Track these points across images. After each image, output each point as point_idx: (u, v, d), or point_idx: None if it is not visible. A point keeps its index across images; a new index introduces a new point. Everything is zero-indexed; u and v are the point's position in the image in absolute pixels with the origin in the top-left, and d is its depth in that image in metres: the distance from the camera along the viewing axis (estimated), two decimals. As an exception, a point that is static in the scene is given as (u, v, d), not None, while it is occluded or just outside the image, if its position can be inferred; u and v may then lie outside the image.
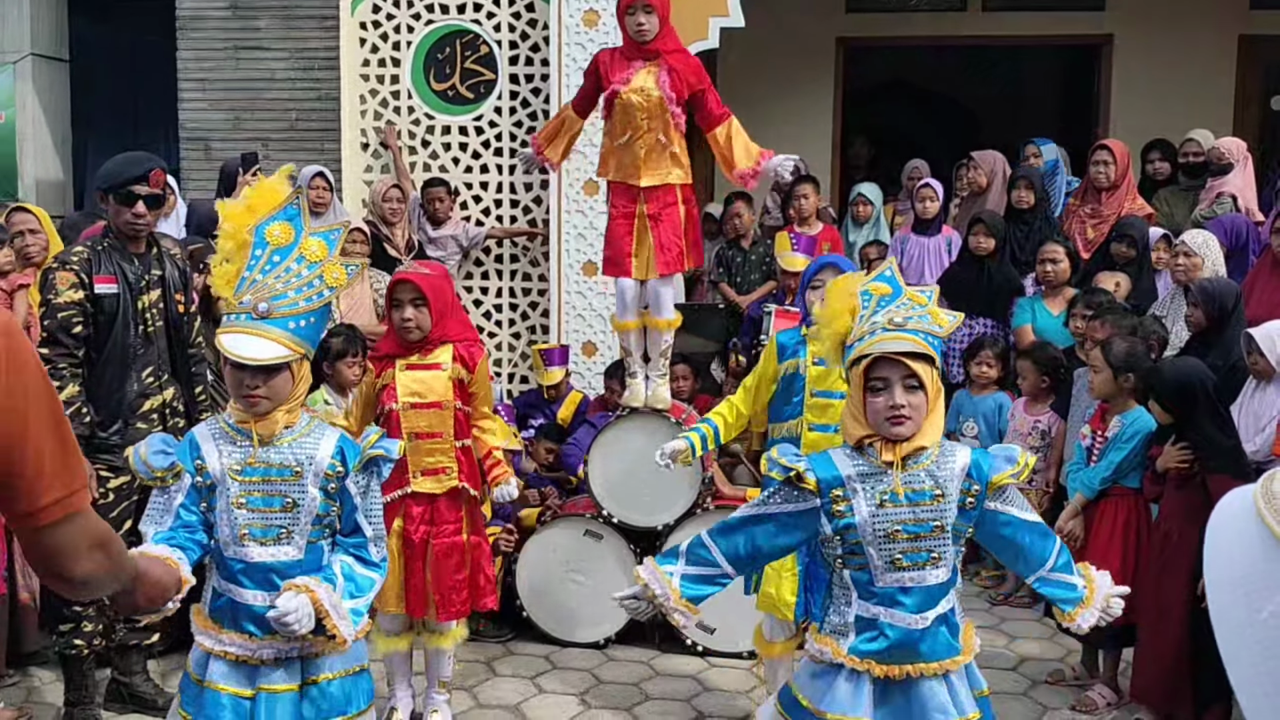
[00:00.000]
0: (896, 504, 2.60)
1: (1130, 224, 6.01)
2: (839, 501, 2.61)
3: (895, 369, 2.59)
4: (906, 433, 2.60)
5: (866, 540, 2.60)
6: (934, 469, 2.62)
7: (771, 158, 4.63)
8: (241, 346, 2.68)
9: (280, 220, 2.76)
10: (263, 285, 2.72)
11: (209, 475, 2.74)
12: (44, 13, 8.66)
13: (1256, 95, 9.30)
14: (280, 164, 7.29)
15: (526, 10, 6.87)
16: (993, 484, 2.64)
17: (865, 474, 2.62)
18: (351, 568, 2.80)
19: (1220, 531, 0.86)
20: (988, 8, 9.48)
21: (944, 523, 2.62)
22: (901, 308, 2.68)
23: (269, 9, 7.34)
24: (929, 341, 2.62)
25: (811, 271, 3.93)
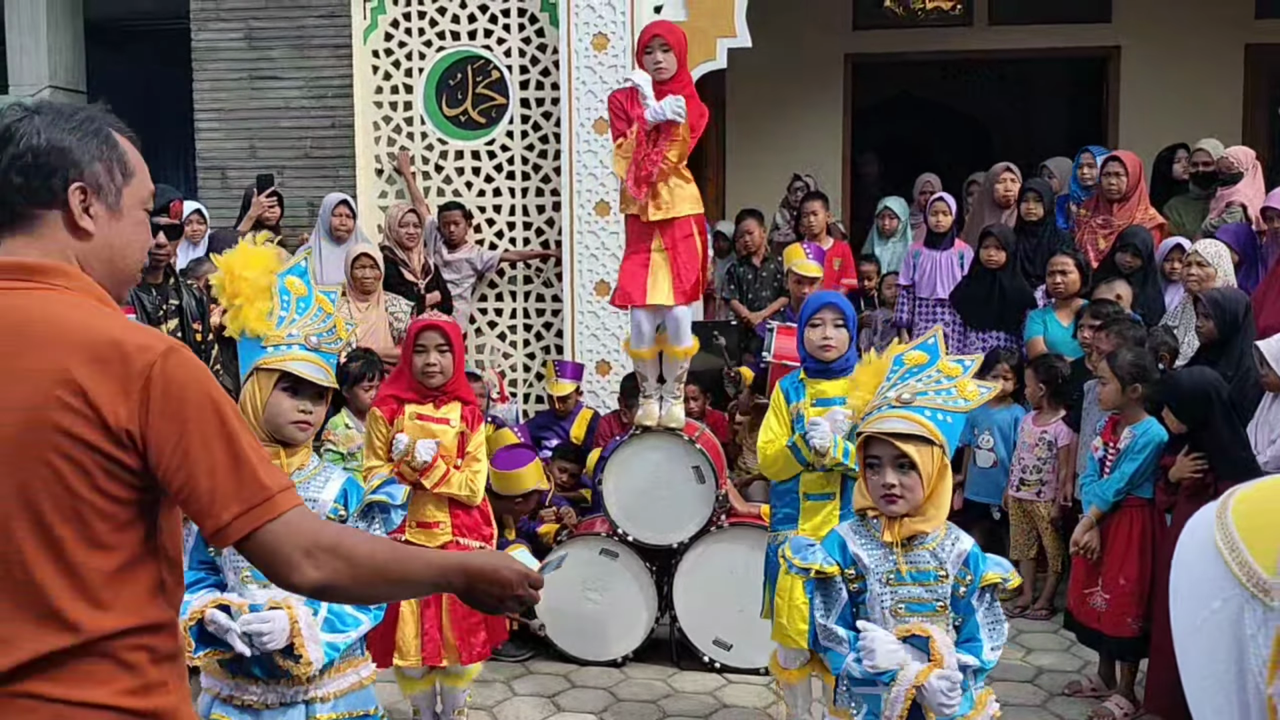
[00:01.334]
0: (902, 582, 2.66)
1: (1134, 232, 6.03)
2: (853, 581, 2.70)
3: (887, 448, 2.64)
4: (899, 510, 2.65)
5: (873, 616, 2.67)
6: (938, 550, 2.68)
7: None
8: (306, 368, 2.81)
9: (294, 274, 2.94)
10: (304, 323, 2.88)
11: None
12: (62, 46, 8.79)
13: (1264, 103, 9.30)
14: (296, 191, 7.47)
15: (536, 35, 6.95)
16: (985, 579, 2.69)
17: (871, 552, 2.69)
18: (340, 607, 2.77)
19: (1185, 539, 0.91)
20: (994, 22, 9.51)
21: (945, 603, 2.67)
22: (924, 380, 2.70)
23: (283, 39, 7.45)
24: (937, 420, 2.63)
25: (810, 310, 3.92)
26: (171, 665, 1.72)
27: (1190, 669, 0.88)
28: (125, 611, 1.65)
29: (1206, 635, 0.86)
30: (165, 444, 1.61)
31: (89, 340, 1.61)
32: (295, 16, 7.42)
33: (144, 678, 1.67)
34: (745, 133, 9.61)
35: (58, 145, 1.68)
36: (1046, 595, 5.53)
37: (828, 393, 3.88)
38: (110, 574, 1.63)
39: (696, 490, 4.76)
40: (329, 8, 7.32)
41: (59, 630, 1.60)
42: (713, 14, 6.41)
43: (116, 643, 1.64)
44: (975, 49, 9.68)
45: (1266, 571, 0.82)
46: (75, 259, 1.70)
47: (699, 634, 4.79)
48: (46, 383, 1.59)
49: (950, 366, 2.72)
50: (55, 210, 1.69)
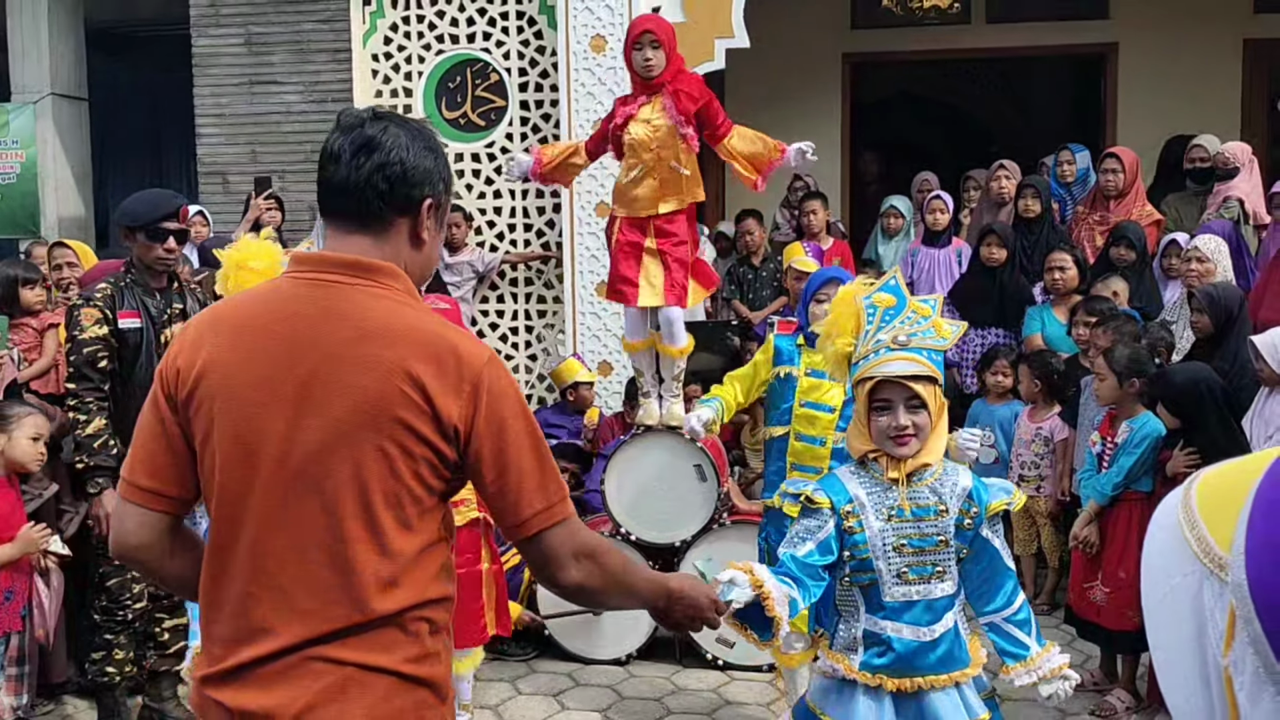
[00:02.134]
0: (903, 519, 2.68)
1: (1127, 227, 6.05)
2: (850, 518, 2.70)
3: (899, 391, 2.67)
4: (910, 452, 2.69)
5: (875, 554, 2.68)
6: (937, 485, 2.71)
7: (787, 152, 4.63)
8: None
9: None
10: None
11: None
12: (63, 53, 8.83)
13: (1263, 98, 9.31)
14: (297, 195, 7.48)
15: (535, 38, 6.98)
16: (990, 509, 2.72)
17: (871, 491, 2.71)
18: None
19: (1155, 520, 0.95)
20: (992, 20, 9.53)
21: (947, 537, 2.70)
22: (905, 323, 2.74)
23: (283, 44, 7.48)
24: (931, 359, 2.69)
25: (815, 285, 3.97)
26: (444, 637, 1.88)
27: (1156, 641, 0.91)
28: (416, 588, 1.79)
29: (1170, 609, 0.89)
30: (485, 442, 1.78)
31: (426, 340, 1.78)
32: (294, 22, 7.45)
33: (423, 647, 1.82)
34: (744, 133, 9.62)
35: (423, 163, 1.86)
36: (1047, 590, 5.55)
37: (823, 365, 3.88)
38: (413, 555, 1.78)
39: (698, 488, 4.79)
40: (328, 12, 7.35)
41: (362, 604, 1.75)
42: (710, 15, 6.43)
43: (405, 615, 1.79)
44: (973, 47, 9.70)
45: (1221, 547, 0.85)
46: (405, 264, 1.87)
47: (702, 632, 4.81)
48: (389, 375, 1.74)
49: (922, 307, 2.78)
50: (405, 219, 1.86)
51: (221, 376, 1.79)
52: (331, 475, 1.74)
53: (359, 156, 1.83)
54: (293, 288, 1.84)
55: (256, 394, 1.77)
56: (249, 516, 1.77)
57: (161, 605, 4.35)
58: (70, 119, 8.93)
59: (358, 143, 1.83)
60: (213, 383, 1.79)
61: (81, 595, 4.48)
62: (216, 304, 2.04)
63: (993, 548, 2.76)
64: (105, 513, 4.07)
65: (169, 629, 4.36)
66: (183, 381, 1.82)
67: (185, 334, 1.88)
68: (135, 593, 4.20)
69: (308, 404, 1.75)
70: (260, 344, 1.79)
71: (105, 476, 4.08)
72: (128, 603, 4.19)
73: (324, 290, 1.81)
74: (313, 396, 1.75)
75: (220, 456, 1.79)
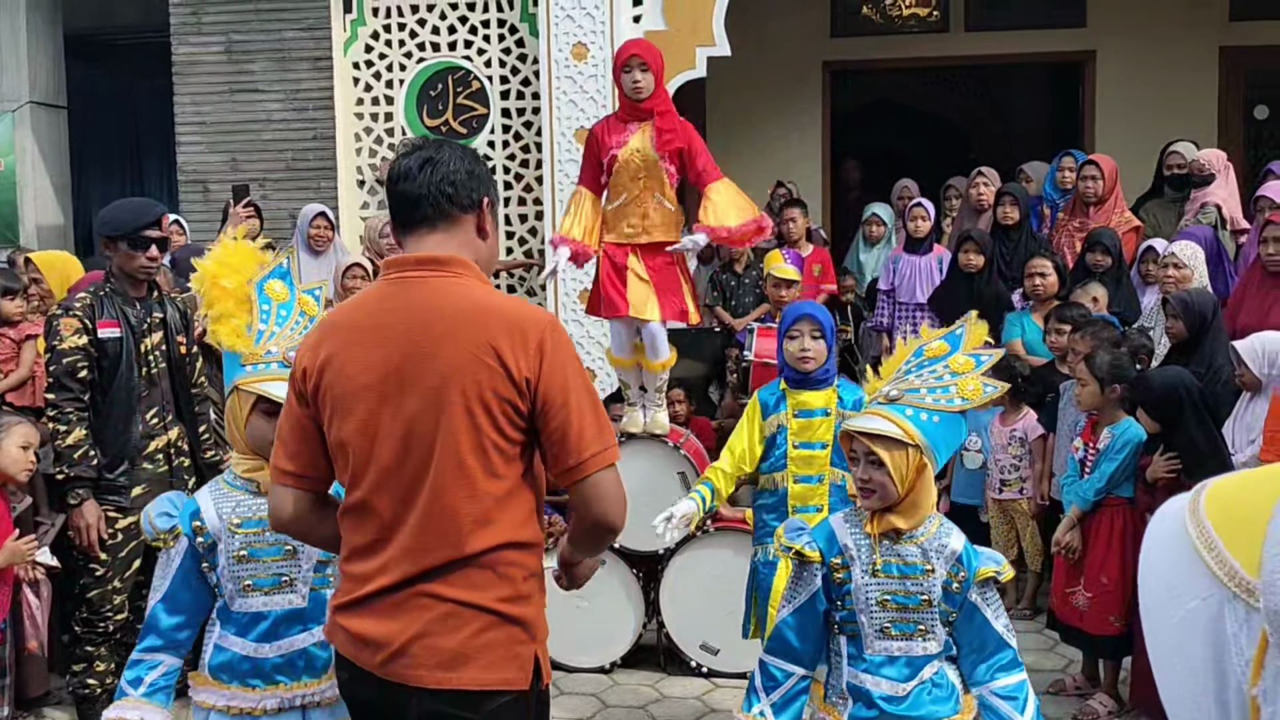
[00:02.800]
0: (888, 574, 2.67)
1: (1101, 232, 6.09)
2: (839, 570, 2.70)
3: (859, 444, 2.67)
4: (872, 505, 2.68)
5: (859, 607, 2.69)
6: (925, 545, 2.69)
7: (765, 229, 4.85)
8: (283, 390, 2.69)
9: (275, 278, 2.85)
10: (282, 336, 2.80)
11: (209, 535, 2.75)
12: (42, 61, 8.78)
13: (1239, 105, 9.40)
14: (278, 203, 7.46)
15: (516, 46, 6.98)
16: (979, 575, 2.69)
17: (861, 541, 2.70)
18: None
19: (1155, 533, 0.91)
20: (971, 28, 9.59)
21: (931, 597, 2.67)
22: (923, 375, 2.71)
23: (263, 52, 7.46)
24: (919, 421, 2.63)
25: (787, 323, 3.91)
26: (537, 581, 2.21)
27: (1165, 668, 0.87)
28: (505, 528, 2.12)
29: (1182, 634, 0.85)
30: (551, 392, 2.10)
31: (497, 313, 2.14)
32: (275, 29, 7.43)
33: (516, 589, 2.15)
34: (725, 141, 9.64)
35: (476, 170, 2.25)
36: (1029, 595, 5.57)
37: (810, 404, 3.88)
38: (499, 498, 2.12)
39: (682, 497, 4.78)
40: (309, 20, 7.34)
41: (459, 542, 2.10)
42: (692, 23, 6.45)
43: (496, 555, 2.12)
44: (952, 55, 9.76)
45: (1248, 571, 0.81)
46: (475, 254, 2.24)
47: (686, 639, 4.82)
48: (470, 346, 2.10)
49: (962, 361, 2.71)
50: (470, 216, 2.24)
51: (335, 370, 2.17)
52: (429, 436, 2.09)
53: (425, 170, 2.20)
54: (384, 287, 2.23)
55: (363, 378, 2.14)
56: (373, 479, 2.14)
57: (143, 617, 4.31)
58: (49, 127, 8.87)
59: (421, 161, 2.21)
60: (329, 376, 2.17)
61: (62, 607, 4.45)
62: (331, 311, 2.43)
63: (981, 615, 2.70)
64: (86, 524, 4.04)
65: (150, 640, 4.33)
66: (308, 379, 2.20)
67: (309, 339, 2.28)
68: (116, 604, 4.17)
69: (406, 381, 2.11)
70: (362, 338, 2.17)
71: (85, 487, 4.05)
72: (108, 614, 4.16)
73: (409, 285, 2.19)
74: (409, 374, 2.11)
75: (344, 434, 2.16)
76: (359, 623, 2.15)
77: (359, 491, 2.16)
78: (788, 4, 9.32)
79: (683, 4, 6.45)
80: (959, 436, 2.74)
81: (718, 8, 6.44)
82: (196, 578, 2.78)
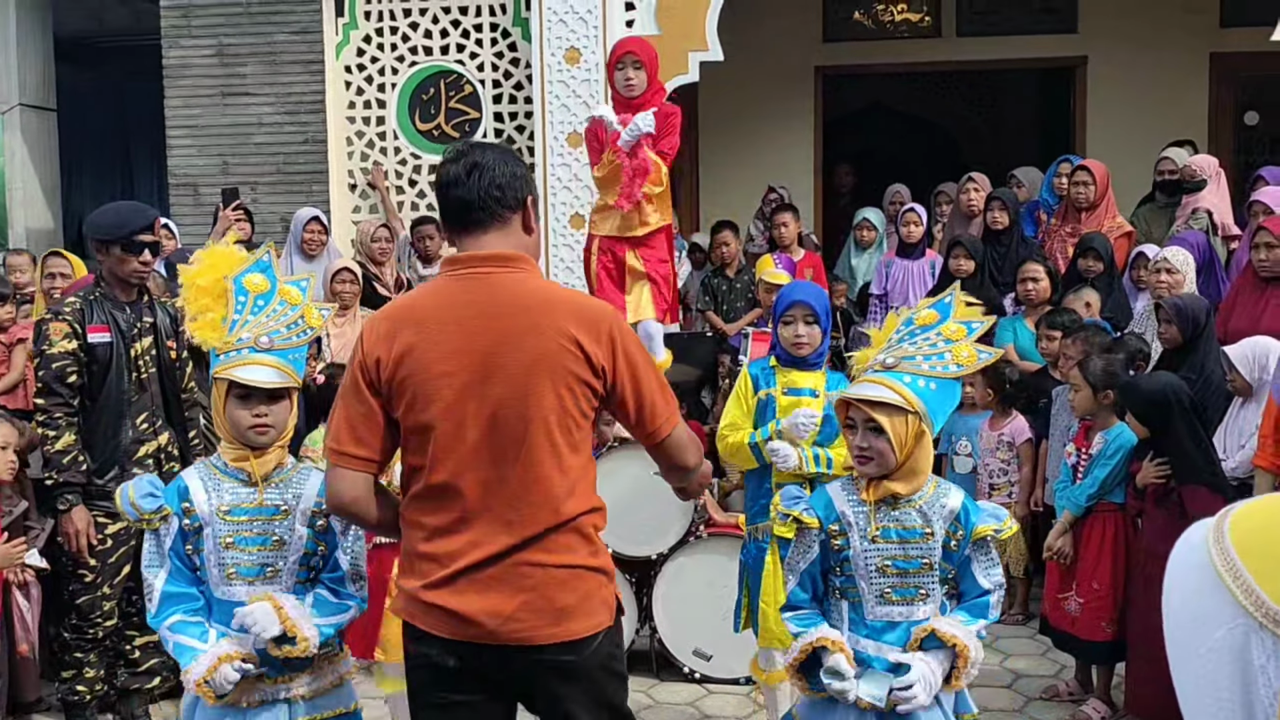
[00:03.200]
0: (887, 539, 2.67)
1: (1093, 237, 6.11)
2: (837, 536, 2.70)
3: (859, 412, 2.66)
4: (869, 472, 2.68)
5: (859, 573, 2.68)
6: (925, 508, 2.69)
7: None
8: (254, 374, 2.73)
9: (255, 271, 2.84)
10: (256, 324, 2.78)
11: (196, 518, 2.74)
12: (31, 63, 8.74)
13: (1230, 111, 9.43)
14: (269, 207, 7.44)
15: (509, 50, 6.98)
16: (977, 532, 2.70)
17: (858, 510, 2.70)
18: (325, 597, 2.79)
19: (1178, 559, 0.89)
20: (963, 33, 9.61)
21: (932, 560, 2.68)
22: (918, 343, 2.71)
23: (255, 55, 7.44)
24: (917, 388, 2.64)
25: (781, 308, 3.89)
26: (601, 534, 2.48)
27: (1190, 697, 0.86)
28: (585, 496, 2.42)
29: (1209, 664, 0.83)
30: (624, 376, 2.40)
31: (568, 304, 2.42)
32: (267, 33, 7.41)
33: (594, 545, 2.44)
34: (717, 145, 9.66)
35: (518, 170, 2.46)
36: (1021, 600, 5.57)
37: (798, 383, 3.86)
38: (580, 469, 2.41)
39: (674, 501, 4.76)
40: (301, 24, 7.32)
41: (556, 511, 2.36)
42: (684, 27, 6.45)
43: (582, 520, 2.40)
44: (944, 60, 9.77)
45: (1275, 600, 0.80)
46: (524, 249, 2.45)
47: (679, 645, 4.81)
48: (552, 335, 2.34)
49: (954, 329, 2.71)
50: (517, 215, 2.45)
51: (415, 359, 2.35)
52: (518, 417, 2.33)
53: (473, 176, 2.40)
54: (452, 283, 2.43)
55: (446, 366, 2.34)
56: (458, 460, 2.34)
57: (132, 623, 4.29)
58: (38, 130, 8.84)
59: (468, 167, 2.40)
60: (409, 365, 2.35)
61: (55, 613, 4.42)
62: (392, 305, 2.60)
63: (970, 571, 2.73)
64: (75, 529, 4.01)
65: (140, 647, 4.31)
66: (383, 368, 2.37)
67: (375, 330, 2.42)
68: (105, 610, 4.14)
69: (492, 368, 2.33)
70: (442, 329, 2.36)
71: (75, 493, 4.02)
72: (98, 620, 4.13)
73: (479, 280, 2.40)
74: (495, 361, 2.33)
75: (426, 419, 2.34)
76: (457, 599, 2.35)
77: (441, 473, 2.35)
78: (780, 9, 9.33)
79: (675, 9, 6.45)
80: (953, 402, 2.74)
81: (710, 12, 6.44)
82: (186, 558, 2.77)
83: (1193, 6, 9.11)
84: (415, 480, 2.40)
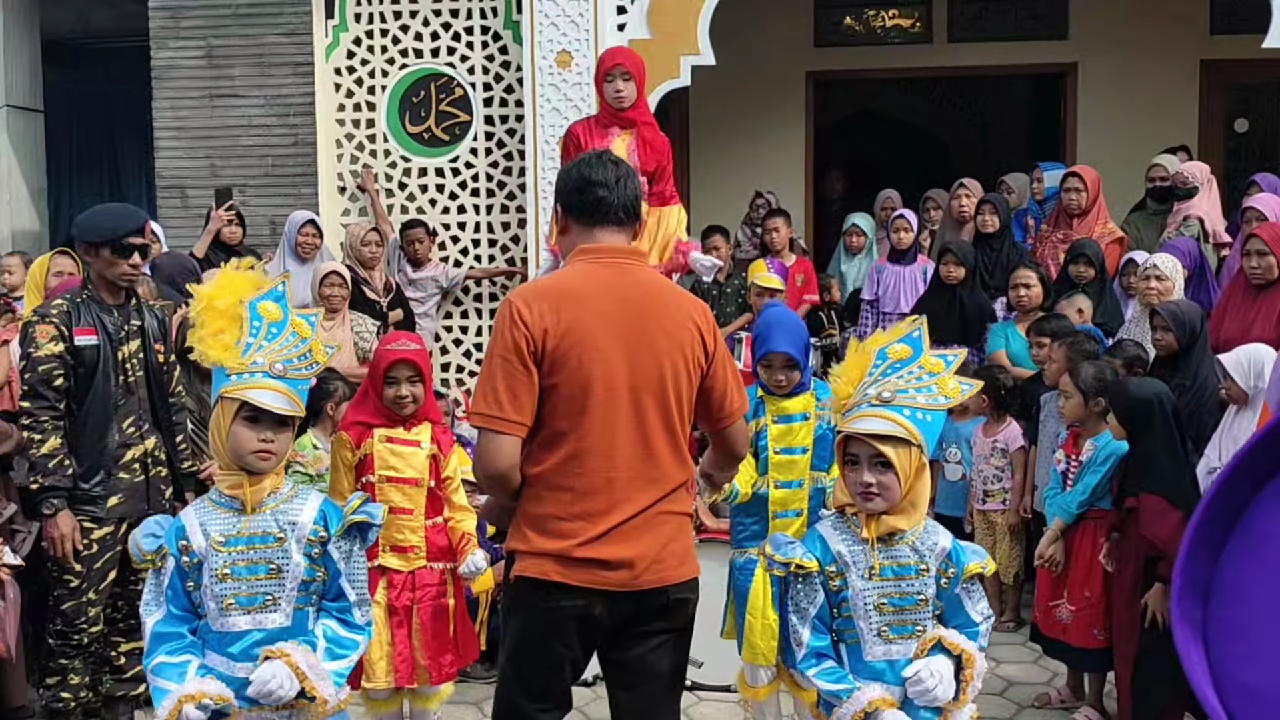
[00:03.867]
0: (883, 577, 2.66)
1: (1084, 244, 6.11)
2: (835, 577, 2.68)
3: (864, 447, 2.64)
4: (875, 508, 2.66)
5: (856, 613, 2.67)
6: (917, 544, 2.69)
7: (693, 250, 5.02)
8: (269, 399, 2.72)
9: (269, 299, 2.84)
10: (270, 350, 2.78)
11: (194, 554, 2.72)
12: (17, 64, 8.69)
13: (1220, 119, 9.45)
14: (258, 209, 7.41)
15: (500, 53, 6.95)
16: (968, 570, 2.71)
17: (853, 548, 2.68)
18: (335, 631, 2.78)
19: None
20: (954, 39, 9.62)
21: (927, 595, 2.68)
22: (904, 377, 2.70)
23: (244, 57, 7.40)
24: (916, 420, 2.63)
25: (760, 352, 3.89)
26: None
27: None
28: (690, 461, 2.83)
29: None
30: (718, 362, 2.82)
31: (688, 298, 2.89)
32: (256, 34, 7.38)
33: (691, 497, 2.87)
34: (708, 149, 9.65)
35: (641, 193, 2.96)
36: (1012, 606, 5.56)
37: (788, 409, 3.89)
38: (688, 440, 2.82)
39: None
40: (290, 25, 7.29)
41: (684, 470, 2.80)
42: (676, 31, 6.43)
43: (689, 480, 2.84)
44: (935, 66, 9.78)
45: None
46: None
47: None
48: (684, 320, 2.78)
49: (933, 362, 2.72)
50: (635, 224, 2.90)
51: (583, 331, 2.67)
52: (660, 387, 2.72)
53: (620, 184, 2.81)
54: (601, 269, 2.78)
55: (606, 341, 2.68)
56: (610, 424, 2.67)
57: (118, 629, 4.25)
58: (25, 131, 8.78)
59: (617, 176, 2.82)
60: (574, 338, 2.66)
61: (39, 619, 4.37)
62: (538, 285, 2.88)
63: (962, 607, 2.74)
64: (60, 534, 3.97)
65: (125, 653, 4.26)
66: (549, 339, 2.66)
67: (533, 307, 2.68)
68: (91, 616, 4.10)
69: (641, 344, 2.70)
70: (601, 308, 2.70)
71: (60, 497, 3.98)
72: (83, 626, 4.08)
73: (623, 269, 2.80)
74: (644, 339, 2.71)
75: (588, 386, 2.67)
76: (611, 549, 2.67)
77: (592, 437, 2.67)
78: (771, 14, 9.32)
79: (667, 12, 6.44)
80: (938, 433, 2.76)
81: (702, 16, 6.42)
82: (185, 596, 2.76)
83: (1183, 14, 9.13)
84: (558, 446, 2.68)
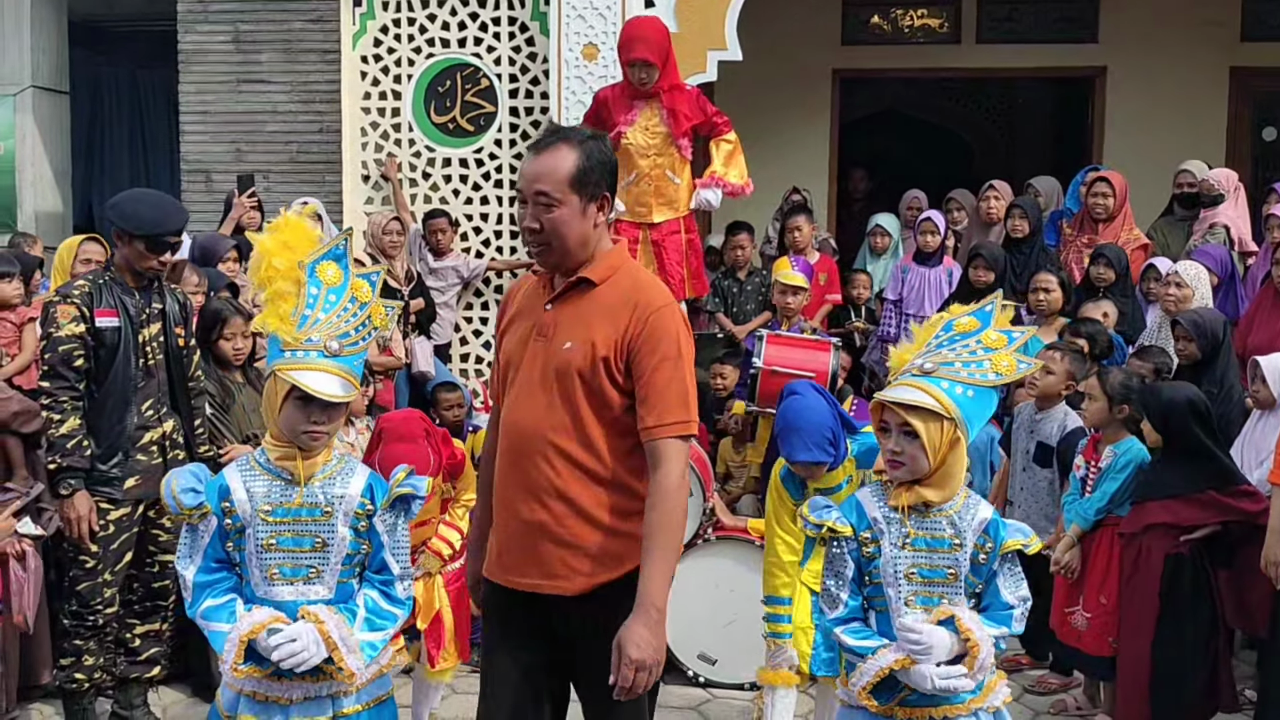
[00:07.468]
0: (916, 547, 2.64)
1: (1105, 247, 6.07)
2: (868, 544, 2.67)
3: (894, 415, 2.63)
4: (900, 476, 2.65)
5: (886, 580, 2.65)
6: (955, 518, 2.66)
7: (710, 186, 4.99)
8: (322, 384, 2.65)
9: (329, 259, 2.73)
10: (326, 323, 2.70)
11: (238, 518, 2.70)
12: (44, 45, 8.72)
13: (1248, 126, 9.37)
14: (281, 196, 7.41)
15: (526, 44, 6.93)
16: (1006, 546, 2.68)
17: (890, 516, 2.67)
18: (376, 602, 2.77)
19: None
20: (982, 40, 9.55)
21: (958, 571, 2.65)
22: (957, 350, 2.66)
23: (271, 43, 7.41)
24: (954, 394, 2.59)
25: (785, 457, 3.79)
26: None
27: None
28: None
29: None
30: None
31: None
32: (284, 20, 7.39)
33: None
34: (733, 146, 9.60)
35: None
36: (1029, 613, 5.52)
37: (830, 481, 3.76)
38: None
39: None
40: (318, 12, 7.30)
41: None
42: (703, 26, 6.40)
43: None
44: (963, 67, 9.72)
45: None
46: None
47: (684, 648, 4.76)
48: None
49: (994, 338, 2.67)
50: None
51: None
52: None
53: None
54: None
55: None
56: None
57: (134, 611, 4.25)
58: (50, 112, 8.81)
59: None
60: None
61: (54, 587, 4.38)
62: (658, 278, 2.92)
63: (995, 585, 2.71)
64: (77, 515, 3.97)
65: (140, 635, 4.27)
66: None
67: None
68: (106, 598, 4.10)
69: None
70: None
71: (77, 478, 3.98)
72: (98, 607, 4.09)
73: None
74: None
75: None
76: None
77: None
78: (799, 11, 9.28)
79: (695, 7, 6.40)
80: (989, 411, 2.71)
81: (730, 11, 6.39)
82: (226, 556, 2.74)
83: (1214, 19, 9.05)
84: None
